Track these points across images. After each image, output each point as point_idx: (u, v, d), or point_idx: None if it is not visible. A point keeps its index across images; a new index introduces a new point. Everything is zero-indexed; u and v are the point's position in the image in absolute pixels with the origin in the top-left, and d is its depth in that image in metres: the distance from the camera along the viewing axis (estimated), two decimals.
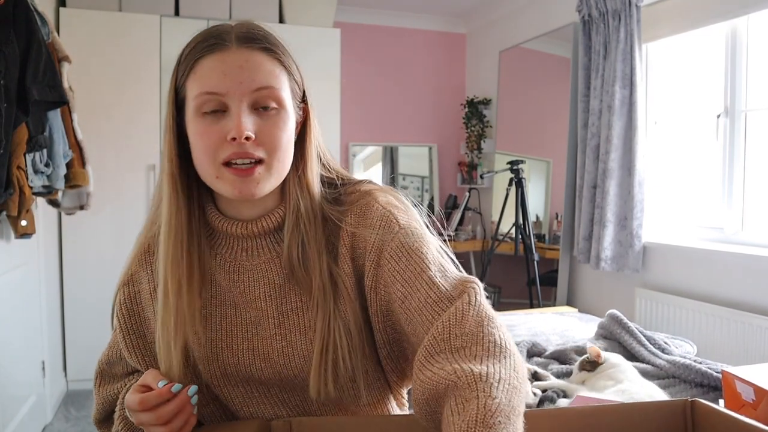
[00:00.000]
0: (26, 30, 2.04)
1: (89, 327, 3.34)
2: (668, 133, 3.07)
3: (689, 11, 2.81)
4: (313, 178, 0.83)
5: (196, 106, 0.75)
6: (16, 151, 1.99)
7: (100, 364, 0.93)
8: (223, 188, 0.77)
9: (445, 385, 0.65)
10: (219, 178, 0.76)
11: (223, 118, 0.75)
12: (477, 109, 4.52)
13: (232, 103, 0.74)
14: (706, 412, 0.75)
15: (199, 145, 0.76)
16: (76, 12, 3.30)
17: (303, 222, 0.81)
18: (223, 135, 0.74)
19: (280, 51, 0.79)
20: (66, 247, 3.33)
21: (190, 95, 0.76)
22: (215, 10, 3.61)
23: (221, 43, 0.75)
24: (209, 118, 0.75)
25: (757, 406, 0.97)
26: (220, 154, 0.75)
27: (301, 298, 0.81)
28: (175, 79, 0.79)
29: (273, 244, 0.83)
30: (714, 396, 1.55)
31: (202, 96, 0.75)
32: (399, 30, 4.68)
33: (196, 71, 0.76)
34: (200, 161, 0.77)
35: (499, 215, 3.90)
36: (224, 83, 0.74)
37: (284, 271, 0.82)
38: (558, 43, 3.70)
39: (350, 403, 0.85)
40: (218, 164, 0.75)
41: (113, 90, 3.36)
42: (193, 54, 0.76)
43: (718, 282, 2.61)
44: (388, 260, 0.79)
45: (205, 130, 0.75)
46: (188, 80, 0.77)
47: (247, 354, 0.82)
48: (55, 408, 3.05)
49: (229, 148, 0.74)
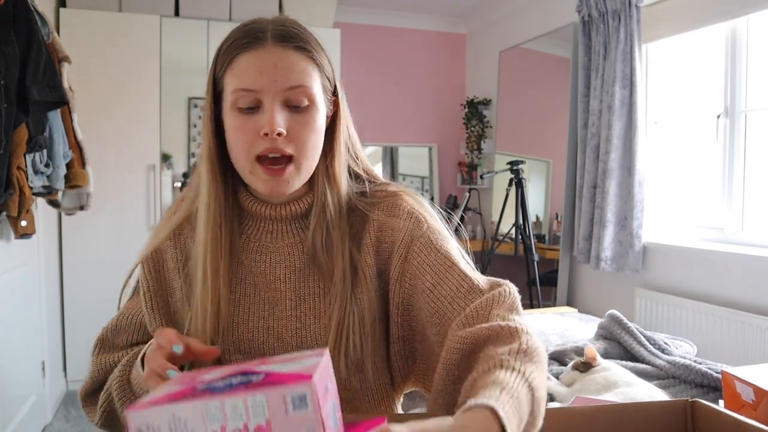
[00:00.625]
0: (26, 30, 2.04)
1: (89, 327, 3.32)
2: (668, 134, 3.07)
3: (689, 11, 2.81)
4: (340, 169, 0.87)
5: (233, 101, 0.79)
6: (16, 151, 1.99)
7: (104, 332, 0.92)
8: (255, 184, 0.82)
9: (486, 335, 0.70)
10: (252, 174, 0.80)
11: (257, 114, 0.79)
12: (477, 109, 4.52)
13: (265, 99, 0.78)
14: (706, 412, 0.75)
15: (234, 139, 0.80)
16: (76, 12, 3.30)
17: (329, 210, 0.85)
18: (257, 130, 0.78)
19: (313, 48, 0.82)
20: (66, 247, 3.33)
21: (227, 89, 0.80)
22: (215, 11, 3.61)
23: (258, 41, 0.79)
24: (244, 114, 0.79)
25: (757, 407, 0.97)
26: (253, 149, 0.79)
27: (319, 284, 0.85)
28: (214, 72, 0.83)
29: (297, 229, 0.87)
30: (714, 396, 1.55)
31: (238, 92, 0.78)
32: (399, 30, 4.68)
33: (234, 67, 0.80)
34: (235, 154, 0.81)
35: (499, 215, 3.90)
36: (259, 81, 0.78)
37: (305, 257, 0.86)
38: (558, 44, 3.70)
39: (355, 395, 0.86)
40: (252, 159, 0.79)
41: (113, 90, 3.36)
42: (231, 49, 0.80)
43: (718, 282, 2.61)
44: (417, 254, 0.83)
45: (241, 125, 0.79)
46: (226, 74, 0.81)
47: (262, 332, 0.85)
48: (55, 408, 3.05)
49: (261, 143, 0.78)
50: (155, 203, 3.47)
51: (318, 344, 0.84)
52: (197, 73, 3.59)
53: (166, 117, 3.50)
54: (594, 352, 1.60)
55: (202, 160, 0.85)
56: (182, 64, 3.55)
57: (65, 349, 3.33)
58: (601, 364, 1.59)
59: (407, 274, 0.84)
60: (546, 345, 2.04)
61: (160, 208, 3.49)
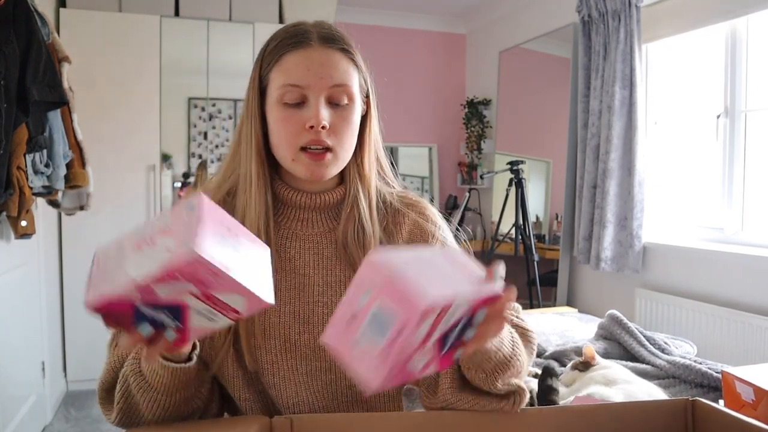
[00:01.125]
0: (26, 30, 2.04)
1: (89, 327, 3.34)
2: (668, 134, 3.07)
3: (689, 11, 2.81)
4: (369, 165, 0.94)
5: (279, 96, 0.85)
6: (16, 151, 1.99)
7: None
8: (297, 169, 0.87)
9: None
10: (295, 161, 0.86)
11: (302, 108, 0.85)
12: (477, 109, 4.52)
13: (311, 95, 0.84)
14: (706, 412, 0.75)
15: (280, 131, 0.86)
16: (76, 12, 3.30)
17: (361, 203, 0.91)
18: (302, 123, 0.84)
19: (354, 51, 0.89)
20: (66, 248, 3.33)
21: (274, 85, 0.86)
22: (215, 11, 3.62)
23: (306, 41, 0.85)
24: (291, 108, 0.85)
25: (757, 407, 0.97)
26: (298, 140, 0.85)
27: (346, 273, 0.89)
28: (260, 69, 0.89)
29: (328, 219, 0.92)
30: (714, 396, 1.55)
31: (286, 87, 0.84)
32: (399, 30, 4.68)
33: (281, 64, 0.85)
34: (279, 144, 0.87)
35: (499, 215, 3.90)
36: (306, 77, 0.84)
37: (334, 246, 0.90)
38: (558, 44, 3.71)
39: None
40: (296, 149, 0.85)
41: (113, 90, 3.36)
42: (278, 48, 0.86)
43: (718, 282, 2.61)
44: None
45: (287, 117, 0.85)
46: (273, 71, 0.86)
47: (288, 316, 0.88)
48: (54, 408, 3.05)
49: (306, 135, 0.84)
50: (155, 203, 3.47)
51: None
52: (197, 73, 3.59)
53: (166, 117, 3.51)
54: (593, 351, 1.60)
55: (248, 152, 0.89)
56: (182, 64, 3.56)
57: (65, 349, 3.33)
58: (600, 363, 1.59)
59: None
60: (546, 345, 2.04)
61: (160, 208, 3.49)
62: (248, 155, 0.89)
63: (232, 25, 3.64)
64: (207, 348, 0.86)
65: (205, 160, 3.62)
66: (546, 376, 1.35)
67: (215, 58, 3.62)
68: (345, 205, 0.91)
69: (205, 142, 3.64)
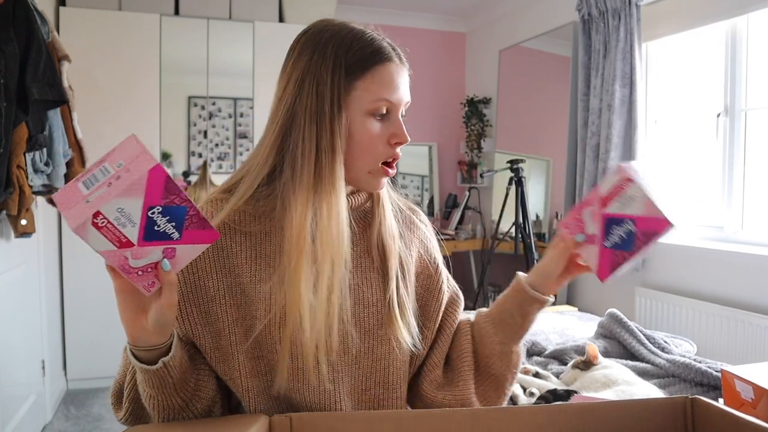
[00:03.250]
0: (26, 29, 2.04)
1: (89, 326, 3.34)
2: (668, 132, 3.07)
3: (689, 10, 2.81)
4: None
5: (373, 109, 0.85)
6: (15, 150, 1.99)
7: None
8: (370, 181, 0.89)
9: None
10: (371, 173, 0.88)
11: (385, 122, 0.86)
12: (477, 108, 4.52)
13: (393, 110, 0.86)
14: (706, 410, 0.75)
15: (366, 144, 0.86)
16: (75, 11, 3.30)
17: (387, 204, 0.94)
18: (386, 138, 0.86)
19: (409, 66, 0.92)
20: (66, 247, 3.33)
21: (363, 94, 0.84)
22: (215, 9, 3.62)
23: (390, 57, 0.86)
24: (378, 122, 0.86)
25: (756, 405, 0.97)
26: (383, 154, 0.87)
27: (368, 273, 0.91)
28: (343, 72, 0.84)
29: (354, 220, 0.92)
30: (714, 395, 1.55)
31: (380, 101, 0.85)
32: (399, 29, 4.65)
33: (374, 76, 0.85)
34: (362, 157, 0.86)
35: (499, 214, 3.89)
36: (397, 94, 0.86)
37: (361, 246, 0.92)
38: (558, 42, 3.70)
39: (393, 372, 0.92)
40: (377, 163, 0.87)
41: (113, 89, 3.36)
42: (369, 58, 0.85)
43: (717, 281, 2.61)
44: (440, 272, 1.00)
45: (376, 132, 0.86)
46: (360, 80, 0.84)
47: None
48: (54, 407, 3.05)
49: (390, 150, 0.87)
50: None
51: (363, 331, 0.88)
52: (197, 72, 3.59)
53: (166, 116, 3.51)
54: (596, 351, 1.61)
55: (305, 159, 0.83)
56: (182, 63, 3.55)
57: (65, 348, 3.33)
58: (602, 362, 1.59)
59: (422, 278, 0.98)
60: (546, 344, 2.04)
61: None
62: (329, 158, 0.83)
63: (232, 24, 3.63)
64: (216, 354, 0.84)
65: (207, 159, 3.62)
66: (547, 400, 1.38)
67: (215, 57, 3.62)
68: (374, 207, 0.94)
69: (205, 140, 3.63)
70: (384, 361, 0.89)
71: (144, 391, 0.77)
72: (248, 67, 3.64)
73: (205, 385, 0.84)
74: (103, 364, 3.35)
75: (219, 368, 0.85)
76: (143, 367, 0.74)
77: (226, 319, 0.84)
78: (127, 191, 0.63)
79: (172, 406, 0.79)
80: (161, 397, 0.77)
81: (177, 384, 0.77)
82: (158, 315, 0.69)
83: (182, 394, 0.79)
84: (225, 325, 0.84)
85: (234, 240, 0.85)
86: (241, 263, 0.84)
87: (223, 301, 0.84)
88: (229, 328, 0.84)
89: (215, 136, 3.65)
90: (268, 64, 3.60)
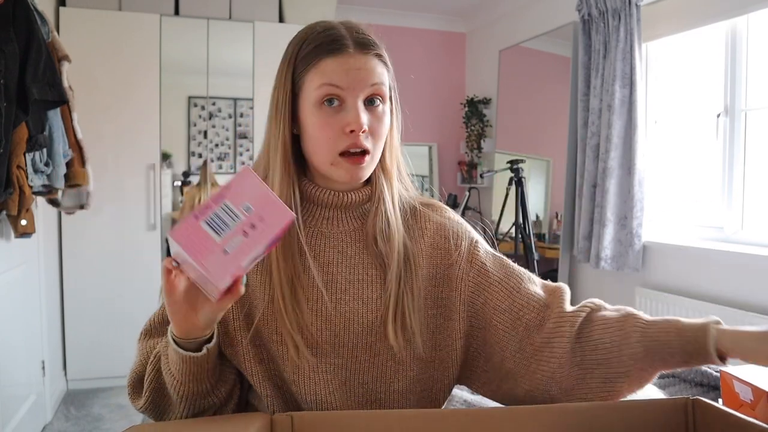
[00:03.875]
0: (26, 29, 2.04)
1: (89, 326, 3.34)
2: (668, 133, 3.07)
3: (689, 10, 2.81)
4: (392, 163, 0.95)
5: (318, 97, 0.84)
6: (15, 150, 1.99)
7: (151, 323, 0.92)
8: (336, 173, 0.87)
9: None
10: (334, 165, 0.86)
11: (340, 111, 0.84)
12: (477, 108, 4.52)
13: (349, 97, 0.84)
14: (708, 411, 0.75)
15: (319, 135, 0.85)
16: (75, 11, 3.29)
17: (387, 201, 0.92)
18: (341, 127, 0.84)
19: (384, 53, 0.90)
20: (66, 247, 3.33)
21: (309, 87, 0.85)
22: (215, 9, 3.61)
23: (343, 47, 0.85)
24: (329, 111, 0.84)
25: (755, 406, 0.97)
26: (338, 145, 0.85)
27: (369, 271, 0.90)
28: (293, 71, 0.87)
29: (353, 218, 0.93)
30: (714, 396, 1.55)
31: (324, 87, 0.84)
32: (399, 29, 4.67)
33: (319, 68, 0.84)
34: (317, 149, 0.87)
35: (498, 214, 3.90)
36: (345, 80, 0.84)
37: (359, 244, 0.91)
38: (558, 42, 3.70)
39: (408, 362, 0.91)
40: (335, 153, 0.85)
41: (113, 89, 3.36)
42: (316, 52, 0.85)
43: (717, 281, 2.61)
44: (481, 259, 0.96)
45: (326, 122, 0.84)
46: (308, 74, 0.85)
47: (308, 315, 0.88)
48: (54, 407, 3.05)
49: (346, 139, 0.84)
50: (155, 202, 3.47)
51: (364, 329, 0.88)
52: (197, 72, 3.59)
53: (166, 116, 3.51)
54: None
55: (274, 152, 0.89)
56: (182, 63, 3.55)
57: (65, 348, 3.33)
58: None
59: (471, 275, 0.94)
60: None
61: (160, 207, 3.49)
62: (275, 156, 0.88)
63: (232, 24, 3.63)
64: (225, 339, 0.88)
65: (207, 159, 3.62)
66: None
67: (215, 57, 3.62)
68: (371, 204, 0.93)
69: (205, 141, 3.63)
70: (381, 356, 0.90)
71: (174, 379, 0.80)
72: (248, 67, 3.64)
73: (227, 368, 0.88)
74: (103, 364, 3.35)
75: (227, 352, 0.88)
76: (189, 355, 0.78)
77: (231, 306, 0.86)
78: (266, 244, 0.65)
79: (200, 392, 0.82)
80: (193, 383, 0.80)
81: (211, 368, 0.82)
82: (212, 314, 0.75)
83: (212, 378, 0.83)
84: (229, 311, 0.87)
85: None
86: None
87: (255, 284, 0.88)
88: (233, 314, 0.88)
89: (215, 136, 3.65)
90: (268, 64, 3.60)
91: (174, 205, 3.66)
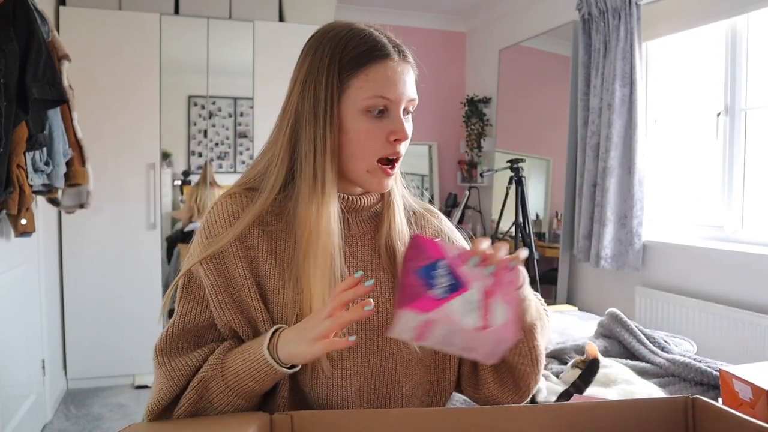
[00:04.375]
0: (26, 28, 2.04)
1: (89, 326, 3.34)
2: (668, 132, 3.07)
3: (689, 9, 2.81)
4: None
5: (368, 106, 0.85)
6: (15, 149, 1.99)
7: (167, 339, 0.88)
8: (369, 181, 0.89)
9: None
10: (370, 173, 0.88)
11: (383, 119, 0.86)
12: (477, 107, 4.52)
13: (393, 108, 0.87)
14: (707, 410, 0.75)
15: (363, 141, 0.86)
16: (75, 10, 3.30)
17: (398, 206, 0.95)
18: (385, 135, 0.86)
19: (415, 62, 0.93)
20: (66, 246, 3.33)
21: (357, 93, 0.85)
22: (215, 9, 3.61)
23: (389, 54, 0.87)
24: (375, 118, 0.86)
25: (755, 405, 0.97)
26: (380, 151, 0.87)
27: (377, 274, 0.92)
28: (338, 71, 0.85)
29: (363, 222, 0.95)
30: (714, 395, 1.55)
31: (376, 98, 0.85)
32: (399, 28, 4.59)
33: (369, 73, 0.85)
34: (358, 154, 0.87)
35: (498, 214, 3.90)
36: (394, 91, 0.86)
37: (369, 248, 0.93)
38: (558, 42, 3.70)
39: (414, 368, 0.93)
40: (374, 160, 0.87)
41: (113, 88, 3.36)
42: (364, 56, 0.86)
43: (717, 280, 2.61)
44: None
45: (372, 129, 0.86)
46: (355, 78, 0.85)
47: None
48: (55, 407, 3.05)
49: (389, 147, 0.87)
50: (155, 201, 3.47)
51: (372, 330, 0.89)
52: (197, 71, 3.59)
53: (166, 115, 3.51)
54: (596, 350, 1.60)
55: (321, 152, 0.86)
56: (182, 62, 3.56)
57: (65, 348, 3.33)
58: (602, 361, 1.59)
59: None
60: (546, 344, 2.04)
61: (160, 207, 3.49)
62: (322, 159, 0.85)
63: (232, 23, 3.63)
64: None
65: (207, 159, 3.62)
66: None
67: (215, 56, 3.62)
68: (383, 209, 0.95)
69: (205, 140, 3.64)
70: (392, 360, 0.90)
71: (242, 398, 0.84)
72: (248, 66, 3.64)
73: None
74: (103, 363, 3.35)
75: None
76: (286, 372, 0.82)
77: (258, 307, 0.87)
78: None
79: (243, 407, 0.86)
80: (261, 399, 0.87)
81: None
82: (330, 348, 0.78)
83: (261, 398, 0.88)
84: (257, 313, 0.87)
85: (253, 234, 0.88)
86: (258, 256, 0.87)
87: (251, 290, 0.87)
88: (262, 316, 0.87)
89: (215, 136, 3.65)
90: (268, 63, 3.60)
91: (174, 204, 3.67)
